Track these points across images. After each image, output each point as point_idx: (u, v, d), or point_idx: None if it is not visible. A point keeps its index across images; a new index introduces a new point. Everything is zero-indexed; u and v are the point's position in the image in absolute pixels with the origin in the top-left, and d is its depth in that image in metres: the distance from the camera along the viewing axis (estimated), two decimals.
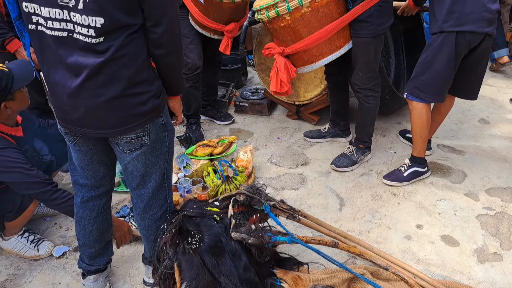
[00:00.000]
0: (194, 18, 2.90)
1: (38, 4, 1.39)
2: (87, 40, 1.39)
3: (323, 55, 2.53)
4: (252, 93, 3.81)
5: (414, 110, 2.58)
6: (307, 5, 2.34)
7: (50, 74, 1.51)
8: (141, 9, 1.43)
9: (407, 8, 2.91)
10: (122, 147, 1.63)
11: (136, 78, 1.49)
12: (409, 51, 3.59)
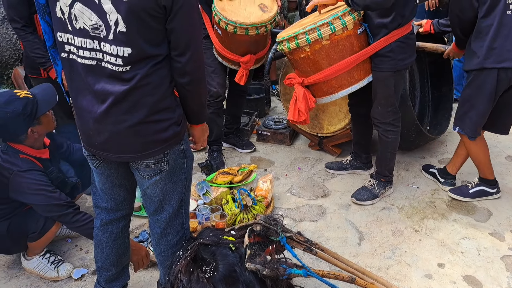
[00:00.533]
0: (215, 48, 2.99)
1: (72, 35, 1.48)
2: (114, 69, 1.46)
3: (342, 87, 2.55)
4: (274, 123, 3.84)
5: (465, 142, 2.66)
6: (327, 38, 2.38)
7: (78, 100, 1.58)
8: (167, 40, 1.49)
9: (452, 52, 2.83)
10: (142, 172, 1.67)
11: (158, 105, 1.54)
12: (434, 83, 3.56)
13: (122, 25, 1.40)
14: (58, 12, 1.47)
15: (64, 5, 1.44)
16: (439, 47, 2.92)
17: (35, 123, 2.12)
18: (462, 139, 2.70)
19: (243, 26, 2.71)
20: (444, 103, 3.49)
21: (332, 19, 2.34)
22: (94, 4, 1.40)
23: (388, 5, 2.28)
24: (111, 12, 1.39)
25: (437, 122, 3.49)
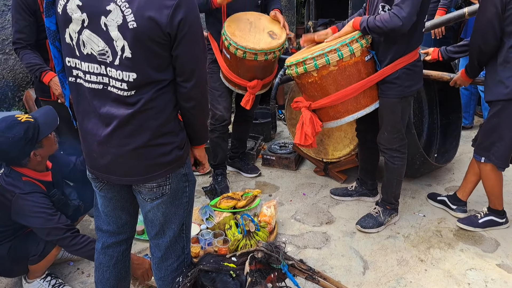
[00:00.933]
0: (223, 72, 3.02)
1: (80, 60, 1.51)
2: (119, 93, 1.48)
3: (348, 112, 2.56)
4: (280, 147, 3.85)
5: (482, 170, 2.64)
6: (334, 64, 2.40)
7: (84, 123, 1.60)
8: (172, 66, 1.51)
9: (459, 80, 2.79)
10: (143, 195, 1.67)
11: (162, 129, 1.56)
12: (443, 111, 3.56)
13: (128, 51, 1.43)
14: (67, 38, 1.51)
15: (73, 32, 1.48)
16: (444, 75, 2.92)
17: (37, 147, 2.14)
18: (480, 168, 2.65)
19: (253, 51, 2.75)
20: (452, 130, 3.48)
21: (340, 46, 2.37)
22: (102, 31, 1.44)
23: (404, 31, 2.30)
24: (118, 38, 1.42)
25: (445, 150, 3.47)
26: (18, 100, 3.73)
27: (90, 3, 1.43)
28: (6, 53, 3.60)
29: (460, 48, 2.84)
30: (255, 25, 2.90)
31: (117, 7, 1.40)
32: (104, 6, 1.41)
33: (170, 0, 1.40)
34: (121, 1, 1.39)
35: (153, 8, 1.39)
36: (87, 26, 1.45)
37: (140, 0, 1.38)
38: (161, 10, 1.39)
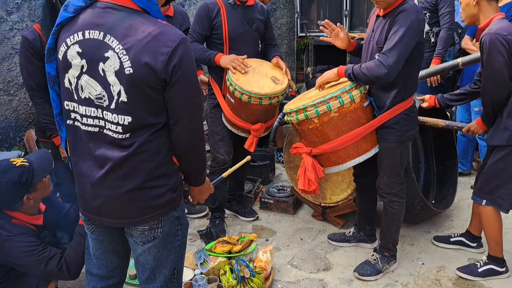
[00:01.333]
0: (226, 116, 3.07)
1: (77, 103, 1.55)
2: (114, 136, 1.50)
3: (350, 157, 2.57)
4: (278, 190, 3.83)
5: (483, 214, 2.63)
6: (335, 110, 2.44)
7: (78, 165, 1.61)
8: (166, 109, 1.54)
9: (475, 128, 2.75)
10: (135, 239, 1.65)
11: (155, 172, 1.56)
12: (438, 157, 3.57)
13: (124, 95, 1.46)
14: (67, 83, 1.55)
15: (73, 77, 1.53)
16: (439, 122, 2.96)
17: (30, 190, 2.14)
18: (481, 211, 2.66)
19: (258, 96, 2.81)
20: (448, 177, 3.48)
21: (340, 93, 2.42)
22: (100, 76, 1.48)
23: (389, 79, 2.35)
24: (115, 83, 1.46)
25: (442, 196, 3.45)
26: (19, 140, 3.77)
27: (89, 50, 1.48)
28: (11, 94, 3.68)
29: (457, 96, 2.90)
30: (258, 71, 2.99)
31: (115, 54, 1.44)
32: (102, 53, 1.46)
33: (165, 47, 1.45)
34: (118, 48, 1.44)
35: (149, 55, 1.43)
36: (86, 71, 1.50)
37: (137, 47, 1.43)
38: (157, 56, 1.43)
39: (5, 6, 3.53)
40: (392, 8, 2.43)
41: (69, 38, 1.50)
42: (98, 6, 1.50)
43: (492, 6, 2.48)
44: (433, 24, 4.09)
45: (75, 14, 1.51)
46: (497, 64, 2.36)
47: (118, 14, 1.47)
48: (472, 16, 2.54)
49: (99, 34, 1.46)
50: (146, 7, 1.51)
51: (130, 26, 1.45)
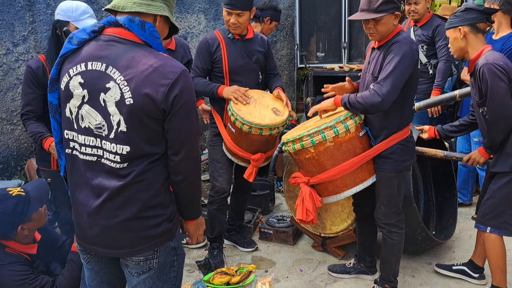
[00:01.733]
0: (226, 145, 3.09)
1: (77, 133, 1.57)
2: (112, 165, 1.52)
3: (347, 187, 2.57)
4: (278, 220, 3.81)
5: (487, 241, 2.61)
6: (331, 140, 2.46)
7: (75, 194, 1.63)
8: (164, 139, 1.57)
9: (477, 157, 2.74)
10: (130, 269, 1.64)
11: (151, 201, 1.57)
12: (437, 188, 3.57)
13: (124, 125, 1.49)
14: (68, 112, 1.58)
15: (74, 106, 1.56)
16: (437, 152, 2.97)
17: (25, 220, 2.14)
18: (485, 238, 2.65)
19: (258, 126, 2.84)
20: (448, 207, 3.46)
21: (335, 123, 2.45)
22: (100, 106, 1.51)
23: (384, 108, 2.38)
24: (115, 113, 1.49)
25: (443, 227, 3.43)
26: (20, 169, 3.79)
27: (91, 81, 1.52)
28: (14, 123, 3.73)
29: (457, 127, 2.92)
30: (259, 102, 3.03)
31: (116, 85, 1.48)
32: (104, 83, 1.50)
33: (166, 79, 1.48)
34: (120, 79, 1.48)
35: (150, 86, 1.47)
36: (87, 101, 1.53)
37: (138, 78, 1.47)
38: (158, 88, 1.47)
39: (12, 38, 3.62)
40: (386, 40, 2.49)
41: (72, 69, 1.55)
42: (101, 39, 1.55)
43: (479, 38, 2.55)
44: (431, 56, 4.17)
45: (79, 46, 1.56)
46: (501, 90, 2.41)
47: (121, 47, 1.52)
48: (461, 50, 2.61)
49: (101, 65, 1.51)
50: (148, 40, 1.56)
51: (132, 58, 1.49)
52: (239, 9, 2.91)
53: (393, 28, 2.48)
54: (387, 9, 2.39)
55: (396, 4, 2.42)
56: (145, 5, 1.55)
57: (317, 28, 5.31)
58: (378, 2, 2.39)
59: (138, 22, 1.53)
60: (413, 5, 4.13)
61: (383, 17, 2.41)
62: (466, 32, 2.54)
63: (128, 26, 1.52)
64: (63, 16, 2.61)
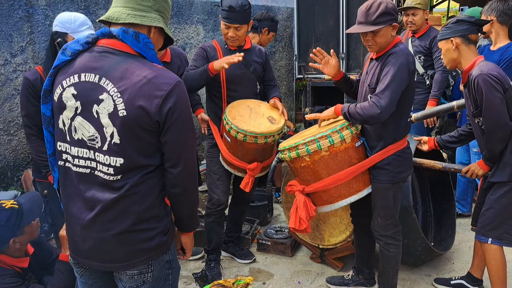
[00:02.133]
0: (222, 155, 3.08)
1: (70, 144, 1.56)
2: (105, 177, 1.50)
3: (342, 197, 2.56)
4: (276, 231, 3.78)
5: (488, 252, 2.59)
6: (326, 149, 2.45)
7: (68, 207, 1.61)
8: (159, 152, 1.55)
9: (475, 168, 2.73)
10: (124, 283, 1.62)
11: (145, 214, 1.55)
12: (435, 199, 3.55)
13: (117, 137, 1.48)
14: (60, 124, 1.57)
15: (66, 118, 1.55)
16: (436, 164, 2.96)
17: (18, 234, 2.11)
18: (485, 250, 2.63)
19: (253, 134, 2.83)
20: (446, 219, 3.45)
21: (330, 132, 2.44)
22: (93, 118, 1.50)
23: (383, 119, 2.38)
24: (108, 125, 1.48)
25: (441, 238, 3.41)
26: (16, 180, 3.77)
27: (84, 92, 1.51)
28: (11, 134, 3.71)
29: (456, 138, 2.91)
30: (255, 111, 3.03)
31: (110, 96, 1.47)
32: (97, 95, 1.49)
33: (160, 91, 1.47)
34: (113, 91, 1.47)
35: (144, 98, 1.46)
36: (80, 113, 1.52)
37: (131, 90, 1.46)
38: (151, 100, 1.46)
39: (10, 49, 3.63)
40: (384, 51, 2.50)
41: (65, 80, 1.54)
42: (95, 50, 1.54)
43: (471, 49, 2.57)
44: (428, 67, 4.18)
45: (72, 57, 1.55)
46: (496, 100, 2.42)
47: (115, 58, 1.51)
48: (453, 61, 2.62)
49: (94, 77, 1.50)
50: (142, 52, 1.55)
51: (126, 70, 1.48)
52: (237, 23, 2.93)
53: (392, 39, 2.49)
54: (385, 21, 2.40)
55: (393, 15, 2.43)
56: (139, 17, 1.55)
57: (315, 39, 5.34)
58: (375, 15, 2.39)
59: (132, 33, 1.52)
60: (411, 16, 4.16)
61: (381, 29, 2.42)
62: (458, 43, 2.55)
63: (122, 37, 1.51)
64: (61, 27, 2.61)
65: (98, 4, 4.14)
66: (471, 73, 2.52)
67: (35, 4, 3.73)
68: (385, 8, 2.39)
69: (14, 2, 3.60)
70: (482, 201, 2.72)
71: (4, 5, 3.54)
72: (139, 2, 1.55)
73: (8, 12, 3.58)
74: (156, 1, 1.58)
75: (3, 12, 3.54)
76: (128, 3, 1.55)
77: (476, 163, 2.75)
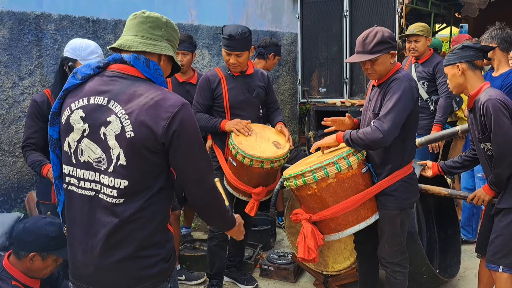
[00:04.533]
0: (227, 179, 3.08)
1: (75, 167, 1.57)
2: (108, 200, 1.51)
3: (349, 224, 2.54)
4: (279, 257, 3.74)
5: (499, 280, 2.53)
6: (333, 176, 2.44)
7: (72, 230, 1.61)
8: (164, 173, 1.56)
9: (481, 194, 2.68)
10: None
11: (148, 240, 1.55)
12: (440, 225, 3.52)
13: (123, 159, 1.49)
14: (66, 146, 1.59)
15: (73, 140, 1.57)
16: (441, 190, 2.94)
17: (44, 254, 2.13)
18: (496, 278, 2.56)
19: (260, 159, 2.84)
20: (451, 245, 3.40)
21: (337, 159, 2.44)
22: (101, 140, 1.52)
23: (386, 144, 2.38)
24: (115, 147, 1.50)
25: (447, 265, 3.36)
26: (20, 202, 3.77)
27: (92, 114, 1.53)
28: (16, 155, 3.74)
29: (460, 163, 2.89)
30: (260, 136, 3.05)
31: (117, 118, 1.49)
32: (105, 117, 1.51)
33: (166, 113, 1.49)
34: (121, 112, 1.50)
35: (151, 119, 1.48)
36: (87, 135, 1.54)
37: (139, 111, 1.48)
38: (158, 121, 1.48)
39: (18, 72, 3.69)
40: (385, 78, 2.53)
41: (74, 103, 1.57)
42: (106, 75, 1.58)
43: (477, 75, 2.59)
44: (432, 92, 4.21)
45: (82, 81, 1.59)
46: (505, 126, 2.43)
47: (124, 82, 1.55)
48: (459, 86, 2.63)
49: (103, 99, 1.53)
50: (152, 77, 1.59)
51: (134, 92, 1.52)
52: (238, 50, 2.99)
53: (392, 66, 2.53)
54: (382, 50, 2.45)
55: (390, 43, 2.48)
56: (150, 45, 1.59)
57: (318, 64, 5.40)
58: (371, 44, 2.45)
59: (143, 59, 1.56)
60: (413, 43, 4.22)
61: (379, 58, 2.46)
62: (464, 68, 2.57)
63: (134, 63, 1.56)
64: (71, 54, 2.67)
65: (106, 29, 4.22)
66: (478, 99, 2.53)
67: (44, 29, 3.80)
68: (381, 37, 2.45)
69: (24, 27, 3.68)
70: (487, 227, 2.69)
71: (15, 30, 3.62)
72: (150, 31, 1.60)
73: (18, 37, 3.65)
74: (166, 30, 1.63)
75: (13, 36, 3.62)
76: (140, 32, 1.60)
77: (481, 188, 2.72)
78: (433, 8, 8.63)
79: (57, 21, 3.87)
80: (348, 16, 5.07)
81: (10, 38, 3.60)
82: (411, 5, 7.94)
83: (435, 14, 8.81)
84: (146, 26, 1.59)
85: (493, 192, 2.64)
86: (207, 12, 5.21)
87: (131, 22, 1.62)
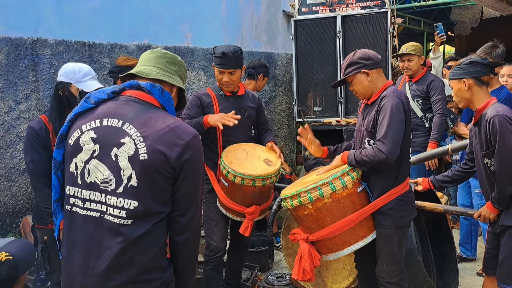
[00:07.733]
0: (220, 200, 3.06)
1: (80, 188, 1.58)
2: (115, 221, 1.52)
3: (346, 244, 2.53)
4: (277, 278, 3.70)
5: None
6: (328, 196, 2.44)
7: (71, 253, 1.59)
8: (170, 200, 1.59)
9: (485, 212, 2.64)
10: None
11: (150, 264, 1.55)
12: (434, 243, 3.50)
13: (135, 180, 1.52)
14: (72, 167, 1.60)
15: (80, 161, 1.59)
16: (437, 206, 2.94)
17: (14, 283, 2.09)
18: None
19: (251, 177, 2.84)
20: (447, 263, 3.38)
21: (332, 179, 2.45)
22: (110, 161, 1.54)
23: (391, 163, 2.41)
24: (127, 168, 1.53)
25: (445, 283, 3.33)
26: (15, 227, 3.74)
27: (105, 136, 1.57)
28: (11, 180, 3.72)
29: (450, 177, 2.90)
30: (251, 154, 3.05)
31: (132, 140, 1.53)
32: (118, 139, 1.55)
33: (181, 140, 1.57)
34: (136, 135, 1.54)
35: (165, 144, 1.54)
36: (96, 156, 1.56)
37: (154, 136, 1.54)
38: (172, 147, 1.54)
39: (15, 97, 3.71)
40: (376, 96, 2.59)
41: (85, 124, 1.60)
42: (120, 99, 1.64)
43: (483, 90, 2.60)
44: (426, 110, 4.25)
45: (95, 105, 1.64)
46: (510, 142, 2.43)
47: (139, 106, 1.61)
48: (466, 100, 2.65)
49: (117, 122, 1.57)
50: (165, 105, 1.68)
51: (150, 118, 1.58)
52: (231, 68, 3.02)
53: (379, 84, 2.59)
54: (351, 71, 2.59)
55: (360, 63, 2.57)
56: (167, 76, 1.71)
57: (313, 84, 5.45)
58: (344, 67, 2.64)
59: (159, 87, 1.66)
60: (407, 62, 4.28)
61: (353, 78, 2.59)
62: (470, 84, 2.58)
63: (150, 90, 1.64)
64: (65, 77, 2.71)
65: (102, 53, 4.27)
66: (485, 113, 2.53)
67: (40, 54, 3.84)
68: (351, 59, 2.61)
69: (20, 52, 3.71)
70: (493, 245, 2.66)
71: (11, 55, 3.65)
72: (167, 65, 1.74)
73: (15, 62, 3.68)
74: (180, 67, 1.78)
75: (9, 61, 3.65)
76: (158, 64, 1.73)
77: (485, 207, 2.68)
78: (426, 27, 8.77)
79: (53, 46, 3.91)
80: (341, 37, 5.14)
81: (7, 64, 3.63)
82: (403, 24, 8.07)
83: (428, 33, 8.96)
84: (163, 60, 1.74)
85: (496, 210, 2.60)
86: (202, 35, 5.28)
87: (148, 56, 1.75)
